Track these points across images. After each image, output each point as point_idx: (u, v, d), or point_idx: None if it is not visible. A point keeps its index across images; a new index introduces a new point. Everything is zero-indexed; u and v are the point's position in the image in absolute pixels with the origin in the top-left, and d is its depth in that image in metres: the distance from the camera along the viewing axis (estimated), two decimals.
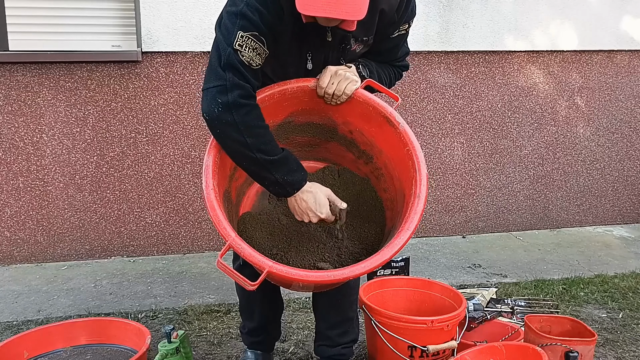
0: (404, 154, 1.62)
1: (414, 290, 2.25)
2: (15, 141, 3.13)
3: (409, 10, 1.74)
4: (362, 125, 1.74)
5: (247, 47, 1.54)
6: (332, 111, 1.71)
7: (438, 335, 1.93)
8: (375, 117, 1.68)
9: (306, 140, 1.84)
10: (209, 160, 1.56)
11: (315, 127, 1.79)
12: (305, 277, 1.48)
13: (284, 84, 1.66)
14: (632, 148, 3.96)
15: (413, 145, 1.62)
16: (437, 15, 3.46)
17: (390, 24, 1.72)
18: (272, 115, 1.66)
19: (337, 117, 1.74)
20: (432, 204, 3.70)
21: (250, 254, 1.48)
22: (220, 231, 1.49)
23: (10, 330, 2.44)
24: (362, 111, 1.69)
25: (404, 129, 1.64)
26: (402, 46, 1.86)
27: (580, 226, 3.97)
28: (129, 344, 2.13)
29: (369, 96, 1.68)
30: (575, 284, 2.94)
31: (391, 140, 1.67)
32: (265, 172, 1.58)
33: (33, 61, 3.06)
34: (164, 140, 3.27)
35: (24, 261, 3.23)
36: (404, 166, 1.64)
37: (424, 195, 1.55)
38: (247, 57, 1.54)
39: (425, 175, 1.58)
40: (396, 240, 1.51)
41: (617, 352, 2.29)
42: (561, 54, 3.72)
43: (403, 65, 1.92)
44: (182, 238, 3.39)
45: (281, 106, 1.68)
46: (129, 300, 2.76)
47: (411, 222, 1.52)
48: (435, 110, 3.60)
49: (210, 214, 1.50)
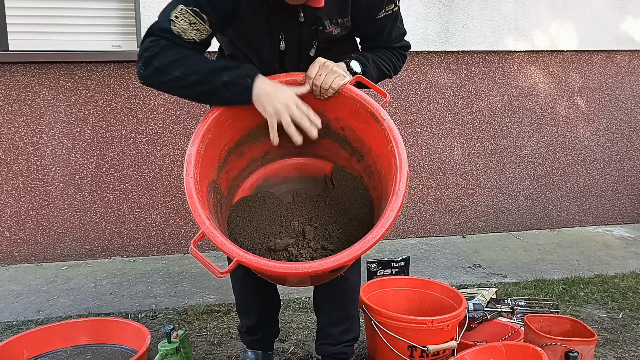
0: (389, 151, 1.61)
1: (414, 290, 2.25)
2: (15, 141, 3.13)
3: None
4: (352, 122, 1.72)
5: (183, 19, 1.54)
6: (324, 107, 1.69)
7: (438, 335, 1.93)
8: (362, 113, 1.67)
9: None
10: (192, 150, 1.57)
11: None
12: (273, 268, 1.48)
13: (272, 77, 1.64)
14: (632, 148, 3.96)
15: (396, 142, 1.60)
16: (437, 15, 3.46)
17: (371, 4, 1.69)
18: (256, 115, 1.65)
19: (329, 113, 1.72)
20: (432, 204, 3.70)
21: (222, 241, 1.49)
22: (195, 218, 1.51)
23: (10, 330, 2.44)
24: (351, 107, 1.68)
25: (388, 126, 1.61)
26: (395, 27, 1.80)
27: (580, 226, 3.97)
28: (129, 344, 2.13)
29: (357, 92, 1.66)
30: (575, 284, 2.94)
31: (378, 137, 1.66)
32: (210, 86, 1.56)
33: (33, 61, 3.06)
34: (164, 140, 3.27)
35: (24, 261, 3.24)
36: (388, 163, 1.62)
37: (402, 193, 1.53)
38: (179, 27, 1.54)
39: (405, 172, 1.55)
40: (369, 236, 1.49)
41: (617, 352, 2.29)
42: (561, 54, 3.72)
43: (402, 46, 1.86)
44: (182, 238, 3.39)
45: None
46: (129, 300, 2.76)
47: (386, 219, 1.50)
48: (435, 110, 3.60)
49: (188, 201, 1.52)
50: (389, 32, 1.78)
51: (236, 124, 1.68)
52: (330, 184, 1.90)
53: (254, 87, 1.55)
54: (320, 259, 1.53)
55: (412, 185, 3.65)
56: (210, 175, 1.68)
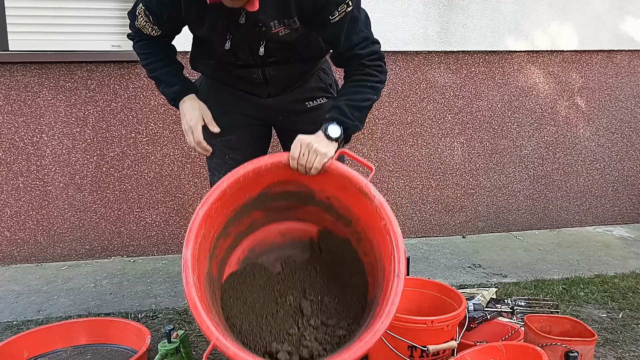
0: (382, 227, 1.60)
1: (414, 290, 2.25)
2: (15, 141, 3.13)
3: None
4: (338, 194, 1.71)
5: (142, 16, 1.80)
6: (308, 180, 1.70)
7: (438, 335, 1.93)
8: (350, 188, 1.66)
9: (284, 205, 1.81)
10: (187, 254, 1.52)
11: (292, 194, 1.77)
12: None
13: (257, 162, 1.65)
14: (632, 148, 3.96)
15: (390, 219, 1.58)
16: (437, 15, 3.46)
17: (319, 6, 1.66)
18: (248, 190, 1.68)
19: (314, 186, 1.72)
20: (432, 204, 3.70)
21: (235, 353, 1.42)
22: (204, 331, 1.44)
23: (10, 330, 2.44)
24: (338, 182, 1.68)
25: (379, 203, 1.60)
26: (355, 31, 1.74)
27: (580, 226, 3.97)
28: (129, 344, 2.13)
29: (344, 169, 1.66)
30: (575, 284, 2.94)
31: (368, 210, 1.64)
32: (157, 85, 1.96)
33: (33, 61, 3.06)
34: (164, 140, 3.27)
35: (24, 261, 3.24)
36: (382, 238, 1.61)
37: (403, 274, 1.52)
38: (139, 23, 1.82)
39: (403, 251, 1.54)
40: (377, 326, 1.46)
41: (617, 352, 2.29)
42: (561, 54, 3.72)
43: (371, 55, 1.77)
44: (182, 238, 3.37)
45: (257, 182, 1.69)
46: (129, 300, 2.76)
47: (392, 304, 1.48)
48: (435, 110, 3.60)
49: (192, 312, 1.46)
50: (347, 36, 1.72)
51: (223, 210, 1.67)
52: (317, 249, 1.85)
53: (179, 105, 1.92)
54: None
55: (412, 185, 3.65)
56: (205, 268, 1.64)
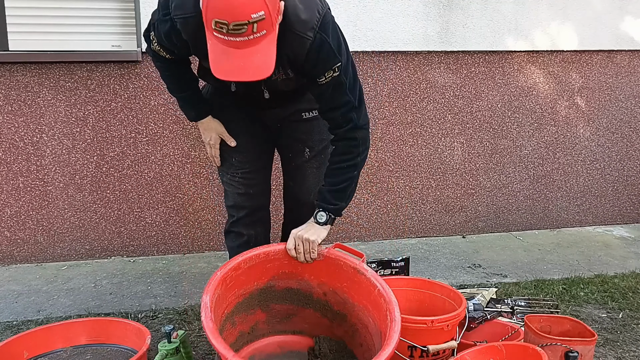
0: (376, 295, 1.82)
1: (414, 290, 2.25)
2: (15, 141, 3.13)
3: (322, 58, 1.76)
4: (335, 284, 1.94)
5: (156, 42, 1.93)
6: (308, 273, 1.96)
7: (438, 335, 1.93)
8: (346, 269, 1.91)
9: (284, 309, 2.01)
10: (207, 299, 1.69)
11: (293, 293, 1.99)
12: None
13: (268, 247, 1.94)
14: (632, 148, 3.96)
15: (382, 285, 1.83)
16: (437, 15, 3.46)
17: (307, 69, 1.80)
18: (257, 277, 1.91)
19: (313, 280, 1.96)
20: (432, 204, 3.70)
21: None
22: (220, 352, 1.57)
23: (10, 330, 2.44)
24: (335, 268, 1.92)
25: (372, 275, 1.87)
26: (339, 95, 1.86)
27: (580, 226, 3.97)
28: (129, 344, 2.13)
29: (339, 254, 1.93)
30: (575, 284, 2.94)
31: (363, 287, 1.88)
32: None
33: (33, 61, 3.06)
34: (164, 140, 3.27)
35: (24, 261, 3.24)
36: (377, 305, 1.81)
37: (399, 319, 1.70)
38: (154, 47, 1.96)
39: (395, 303, 1.75)
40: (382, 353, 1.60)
41: (617, 352, 2.29)
42: (561, 54, 3.72)
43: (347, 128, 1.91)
44: (182, 238, 3.39)
45: (265, 268, 1.92)
46: (129, 300, 2.76)
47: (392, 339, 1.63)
48: (435, 110, 3.60)
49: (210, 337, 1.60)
50: (330, 98, 1.87)
51: (234, 289, 1.86)
52: (314, 357, 2.01)
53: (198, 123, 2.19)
54: None
55: (412, 185, 3.65)
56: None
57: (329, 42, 1.75)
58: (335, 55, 1.77)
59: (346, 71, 1.83)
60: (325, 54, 1.76)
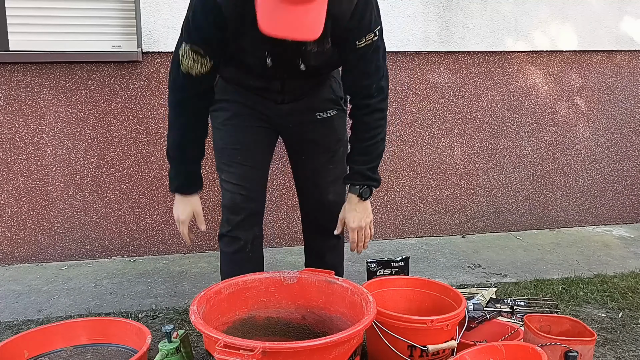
0: (350, 295, 1.89)
1: (414, 290, 2.25)
2: (16, 141, 3.13)
3: (367, 18, 1.75)
4: (311, 303, 2.00)
5: (187, 57, 1.77)
6: (285, 299, 2.01)
7: (438, 335, 1.93)
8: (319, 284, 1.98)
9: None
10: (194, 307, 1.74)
11: (274, 322, 2.03)
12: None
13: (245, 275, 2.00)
14: (631, 148, 3.96)
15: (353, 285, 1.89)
16: (436, 15, 3.47)
17: (349, 30, 1.76)
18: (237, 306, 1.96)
19: (290, 305, 2.02)
20: (432, 204, 3.71)
21: None
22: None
23: (10, 330, 2.45)
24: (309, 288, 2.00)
25: (343, 280, 1.94)
26: (375, 60, 1.85)
27: (580, 226, 3.97)
28: (129, 344, 2.13)
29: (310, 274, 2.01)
30: (575, 283, 2.94)
31: (337, 294, 1.94)
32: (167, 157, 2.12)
33: (33, 61, 3.06)
34: (164, 140, 3.26)
35: (24, 261, 3.24)
36: (353, 304, 1.86)
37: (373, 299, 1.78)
38: (185, 66, 1.79)
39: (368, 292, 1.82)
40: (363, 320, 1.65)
41: (617, 352, 2.29)
42: (561, 54, 3.72)
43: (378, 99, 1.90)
44: (182, 238, 3.39)
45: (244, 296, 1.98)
46: (129, 300, 2.76)
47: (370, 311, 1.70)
48: (435, 111, 3.61)
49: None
50: (366, 64, 1.85)
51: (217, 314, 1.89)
52: None
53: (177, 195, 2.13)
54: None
55: (412, 185, 3.65)
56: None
57: (372, 2, 1.77)
58: (377, 18, 1.78)
59: (382, 36, 1.83)
60: (369, 15, 1.75)
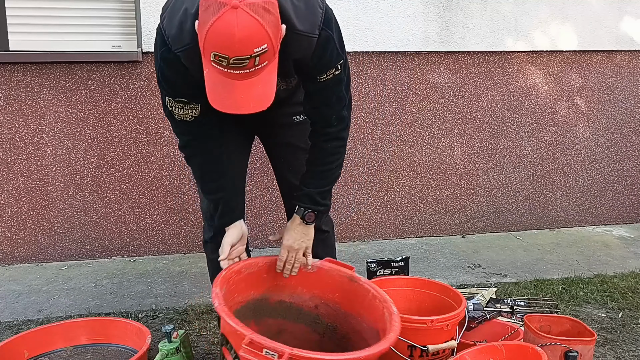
0: (370, 298, 1.86)
1: (414, 290, 2.25)
2: (16, 141, 3.13)
3: (327, 57, 1.71)
4: (327, 295, 1.97)
5: (176, 107, 1.76)
6: (301, 286, 1.98)
7: (438, 335, 1.93)
8: (339, 279, 1.95)
9: (276, 324, 2.00)
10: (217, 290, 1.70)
11: (286, 306, 1.99)
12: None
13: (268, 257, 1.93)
14: (631, 148, 3.96)
15: (375, 288, 1.87)
16: (436, 15, 3.47)
17: (311, 67, 1.74)
18: (254, 286, 1.91)
19: (305, 293, 1.98)
20: (432, 204, 3.71)
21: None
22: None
23: (10, 330, 2.45)
24: (327, 279, 1.96)
25: (365, 281, 1.92)
26: (337, 92, 1.82)
27: (580, 226, 3.97)
28: (129, 344, 2.14)
29: (331, 266, 1.98)
30: (575, 283, 2.94)
31: (356, 294, 1.91)
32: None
33: (33, 61, 3.06)
34: (164, 140, 3.28)
35: (24, 261, 3.24)
36: (372, 307, 1.84)
37: (397, 312, 1.74)
38: (178, 114, 1.78)
39: (391, 301, 1.80)
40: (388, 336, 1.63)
41: (617, 352, 2.29)
42: (561, 55, 3.72)
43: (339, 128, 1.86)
44: (182, 238, 3.39)
45: (262, 278, 1.92)
46: (129, 300, 2.76)
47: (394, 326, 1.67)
48: (435, 111, 3.61)
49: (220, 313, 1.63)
50: (327, 95, 1.81)
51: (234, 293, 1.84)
52: None
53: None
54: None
55: (412, 185, 3.65)
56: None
57: (333, 38, 1.71)
58: (339, 53, 1.74)
59: (345, 68, 1.80)
60: (330, 53, 1.72)
